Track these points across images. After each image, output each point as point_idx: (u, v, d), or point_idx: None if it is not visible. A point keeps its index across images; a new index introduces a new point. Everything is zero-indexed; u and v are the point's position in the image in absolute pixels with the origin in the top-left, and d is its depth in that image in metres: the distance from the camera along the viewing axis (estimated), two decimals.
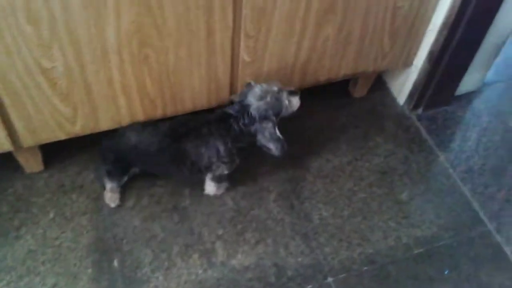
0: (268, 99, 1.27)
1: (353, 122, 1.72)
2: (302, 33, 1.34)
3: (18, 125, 1.24)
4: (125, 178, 1.43)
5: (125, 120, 1.34)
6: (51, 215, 1.42)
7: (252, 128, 1.29)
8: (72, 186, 1.48)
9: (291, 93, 1.34)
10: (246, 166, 1.56)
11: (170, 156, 1.32)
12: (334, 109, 1.75)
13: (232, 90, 1.42)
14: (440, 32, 1.49)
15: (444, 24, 1.46)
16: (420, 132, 1.72)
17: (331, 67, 1.50)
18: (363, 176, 1.59)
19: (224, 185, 1.48)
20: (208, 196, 1.48)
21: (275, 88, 1.30)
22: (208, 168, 1.36)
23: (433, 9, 1.46)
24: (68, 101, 1.23)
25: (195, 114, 1.40)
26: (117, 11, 1.07)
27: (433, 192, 1.57)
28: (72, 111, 1.26)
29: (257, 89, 1.28)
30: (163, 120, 1.36)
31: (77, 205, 1.45)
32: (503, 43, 1.68)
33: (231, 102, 1.34)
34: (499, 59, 1.86)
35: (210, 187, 1.45)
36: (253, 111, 1.27)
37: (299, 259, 1.39)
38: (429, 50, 1.55)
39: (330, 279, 1.36)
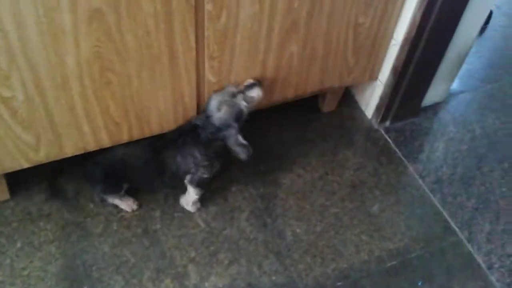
0: (225, 108, 1.30)
1: (323, 137, 1.73)
2: (266, 52, 1.34)
3: None
4: (123, 190, 1.42)
5: (90, 146, 1.32)
6: (19, 244, 1.39)
7: (220, 135, 1.33)
8: (39, 214, 1.45)
9: (249, 87, 1.34)
10: (217, 185, 1.55)
11: (153, 169, 1.38)
12: (303, 124, 1.76)
13: (199, 111, 1.41)
14: (402, 47, 1.52)
15: (406, 39, 1.49)
16: (388, 144, 1.74)
17: (298, 84, 1.51)
18: (334, 191, 1.60)
19: (197, 204, 1.48)
20: (179, 218, 1.47)
21: (229, 95, 1.31)
22: (187, 173, 1.39)
23: (395, 25, 1.49)
24: (30, 129, 1.20)
25: None
26: (75, 38, 1.06)
27: (403, 203, 1.58)
28: (35, 139, 1.23)
29: (214, 101, 1.31)
30: None
31: (45, 233, 1.42)
32: (466, 54, 1.72)
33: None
34: (463, 70, 1.91)
35: (188, 196, 1.45)
36: (215, 122, 1.31)
37: (273, 278, 1.38)
38: (392, 65, 1.58)
39: None
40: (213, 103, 1.31)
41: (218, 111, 1.30)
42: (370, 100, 1.76)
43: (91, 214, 1.46)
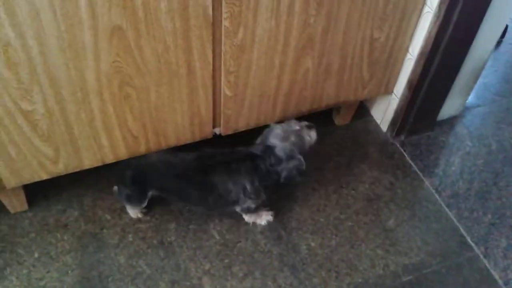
0: (293, 139, 1.33)
1: (337, 150, 1.74)
2: (281, 68, 1.36)
3: (0, 166, 1.23)
4: (145, 203, 1.43)
5: (108, 158, 1.34)
6: (36, 254, 1.41)
7: (279, 168, 1.33)
8: (57, 224, 1.47)
9: (309, 127, 1.39)
10: None
11: (195, 185, 1.36)
12: (317, 138, 1.76)
13: (215, 124, 1.43)
14: (418, 61, 1.52)
15: (422, 53, 1.49)
16: (404, 158, 1.74)
17: (313, 98, 1.52)
18: (349, 204, 1.60)
19: (266, 215, 1.50)
20: (193, 230, 1.48)
21: (297, 127, 1.35)
22: (235, 202, 1.39)
23: (410, 39, 1.50)
24: (49, 142, 1.23)
25: (221, 147, 1.41)
26: (96, 53, 1.09)
27: (419, 218, 1.57)
28: (54, 151, 1.26)
29: (278, 130, 1.34)
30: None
31: (62, 244, 1.43)
32: (482, 68, 1.72)
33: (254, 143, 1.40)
34: (479, 84, 1.90)
35: (246, 217, 1.49)
36: (279, 152, 1.32)
37: None
38: (408, 79, 1.58)
39: None
40: (278, 132, 1.33)
41: (284, 140, 1.32)
42: (385, 113, 1.76)
43: (108, 225, 1.47)
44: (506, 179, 1.70)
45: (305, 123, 1.40)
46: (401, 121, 1.71)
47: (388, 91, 1.66)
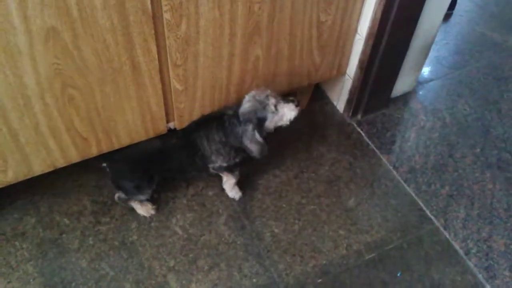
0: (252, 102, 1.33)
1: (296, 135, 1.74)
2: (230, 57, 1.34)
3: None
4: (153, 187, 1.44)
5: (59, 162, 1.31)
6: None
7: (239, 130, 1.34)
8: (14, 233, 1.44)
9: (285, 100, 1.37)
10: (193, 192, 1.55)
11: (184, 151, 1.40)
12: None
13: (168, 119, 1.40)
14: (367, 41, 1.53)
15: (370, 33, 1.50)
16: (361, 137, 1.76)
17: (266, 85, 1.51)
18: (310, 188, 1.61)
19: (237, 192, 1.54)
20: (155, 227, 1.47)
21: (264, 95, 1.34)
22: (209, 159, 1.41)
23: (357, 20, 1.50)
24: None
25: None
26: (32, 57, 1.05)
27: (378, 195, 1.60)
28: (2, 160, 1.22)
29: (248, 95, 1.35)
30: None
31: (21, 253, 1.40)
32: (431, 43, 1.74)
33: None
34: (430, 58, 1.93)
35: (226, 182, 1.53)
36: (240, 114, 1.33)
37: (254, 280, 1.39)
38: (359, 59, 1.59)
39: None
40: (247, 97, 1.35)
41: (246, 103, 1.34)
42: (341, 94, 1.77)
43: (67, 230, 1.45)
44: (461, 150, 1.74)
45: (287, 97, 1.38)
46: (356, 101, 1.73)
47: (341, 72, 1.67)
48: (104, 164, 1.41)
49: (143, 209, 1.47)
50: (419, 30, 1.59)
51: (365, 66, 1.58)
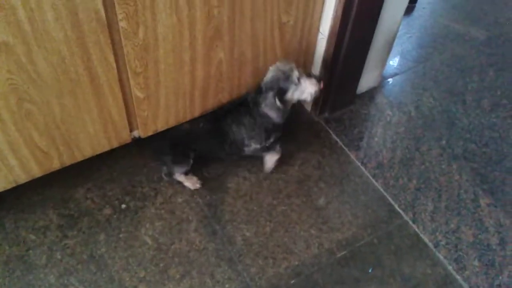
0: (275, 73, 1.39)
1: None
2: (192, 63, 1.32)
3: None
4: (190, 162, 1.51)
5: (21, 178, 1.27)
6: None
7: (260, 98, 1.41)
8: None
9: (309, 76, 1.43)
10: (161, 200, 1.53)
11: (214, 136, 1.48)
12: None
13: (131, 128, 1.38)
14: (329, 40, 1.53)
15: (332, 32, 1.50)
16: (329, 135, 1.76)
17: (231, 88, 1.50)
18: (280, 188, 1.61)
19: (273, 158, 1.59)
20: (124, 238, 1.44)
21: (287, 66, 1.39)
22: (243, 145, 1.49)
23: (319, 20, 1.50)
24: None
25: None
26: None
27: (348, 193, 1.61)
28: None
29: (271, 67, 1.41)
30: None
31: None
32: (393, 38, 1.75)
33: None
34: (394, 52, 1.95)
35: (265, 162, 1.60)
36: (262, 84, 1.40)
37: (227, 286, 1.38)
38: (323, 58, 1.59)
39: None
40: (271, 68, 1.40)
41: (269, 73, 1.40)
42: None
43: (33, 246, 1.41)
44: (428, 143, 1.76)
45: (309, 72, 1.48)
46: (322, 99, 1.73)
47: (307, 72, 1.66)
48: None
49: (190, 182, 1.54)
50: (381, 26, 1.60)
51: (329, 64, 1.59)
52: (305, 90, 1.43)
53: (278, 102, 1.39)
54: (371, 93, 1.90)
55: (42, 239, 1.42)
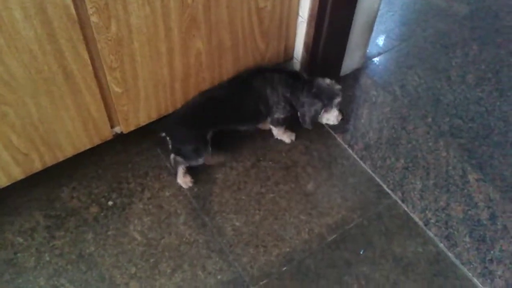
0: (329, 87, 1.47)
1: None
2: (170, 53, 1.30)
3: None
4: (209, 150, 1.50)
5: (3, 181, 1.25)
6: None
7: (301, 98, 1.47)
8: None
9: (338, 109, 1.52)
10: (148, 195, 1.52)
11: (240, 100, 1.49)
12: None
13: (112, 124, 1.36)
14: (309, 23, 1.51)
15: (311, 15, 1.48)
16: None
17: (212, 77, 1.48)
18: (268, 176, 1.60)
19: (290, 134, 1.65)
20: (113, 236, 1.43)
21: (338, 90, 1.49)
22: (271, 111, 1.54)
23: (298, 3, 1.48)
24: None
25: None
26: None
27: (336, 176, 1.60)
28: None
29: (328, 80, 1.49)
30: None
31: None
32: (374, 17, 1.73)
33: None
34: (377, 32, 1.93)
35: (275, 130, 1.64)
36: (315, 83, 1.47)
37: (219, 277, 1.38)
38: (304, 41, 1.57)
39: None
40: (326, 80, 1.48)
41: (326, 81, 1.47)
42: None
43: (21, 249, 1.39)
44: (413, 122, 1.75)
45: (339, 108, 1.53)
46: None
47: (288, 56, 1.65)
48: (163, 134, 1.48)
49: (184, 180, 1.52)
50: (361, 6, 1.58)
51: (311, 48, 1.57)
52: (330, 117, 1.53)
53: (319, 116, 1.51)
54: (355, 74, 1.88)
55: (30, 242, 1.40)
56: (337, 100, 1.50)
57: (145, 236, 1.43)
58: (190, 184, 1.53)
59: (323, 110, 1.50)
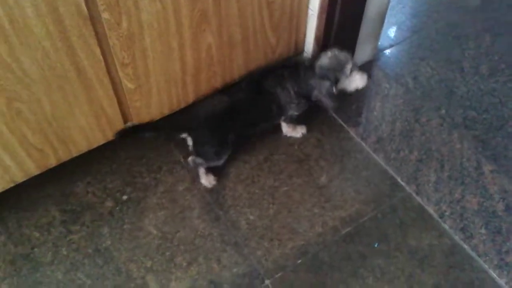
0: (331, 60, 1.44)
1: None
2: (181, 49, 1.31)
3: None
4: (229, 152, 1.51)
5: (18, 177, 1.27)
6: None
7: (312, 82, 1.46)
8: None
9: (359, 71, 1.49)
10: (163, 189, 1.53)
11: (258, 103, 1.48)
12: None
13: (125, 119, 1.37)
14: (320, 15, 1.51)
15: (322, 7, 1.48)
16: (327, 112, 1.74)
17: (223, 72, 1.48)
18: (281, 169, 1.60)
19: (301, 128, 1.64)
20: (128, 230, 1.44)
21: (343, 57, 1.45)
22: (284, 108, 1.53)
23: None
24: None
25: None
26: None
27: (349, 169, 1.60)
28: None
29: (329, 52, 1.46)
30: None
31: None
32: (386, 9, 1.72)
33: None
34: (388, 24, 1.91)
35: (285, 128, 1.64)
36: (317, 66, 1.45)
37: (234, 270, 1.38)
38: (314, 35, 1.56)
39: (267, 282, 1.36)
40: (329, 53, 1.45)
41: (325, 58, 1.44)
42: None
43: (38, 243, 1.42)
44: (427, 113, 1.74)
45: (357, 66, 1.51)
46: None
47: (299, 50, 1.64)
48: (184, 135, 1.48)
49: (208, 180, 1.52)
50: None
51: (321, 41, 1.56)
52: (354, 83, 1.50)
53: (335, 90, 1.46)
54: (367, 67, 1.87)
55: (47, 236, 1.43)
56: (348, 67, 1.46)
57: (160, 230, 1.45)
58: (214, 183, 1.53)
59: (337, 84, 1.47)
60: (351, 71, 1.47)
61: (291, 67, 1.49)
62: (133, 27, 1.16)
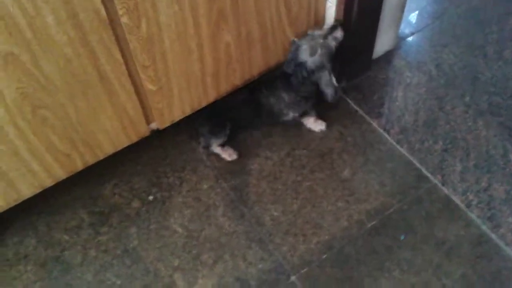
0: (321, 51, 1.42)
1: None
2: (200, 49, 1.31)
3: None
4: (227, 133, 1.57)
5: (47, 182, 1.30)
6: None
7: (313, 78, 1.45)
8: (17, 257, 1.44)
9: (333, 29, 1.46)
10: (187, 188, 1.54)
11: (250, 107, 1.55)
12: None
13: (148, 121, 1.38)
14: (338, 6, 1.49)
15: None
16: (349, 105, 1.73)
17: (242, 70, 1.48)
18: (303, 164, 1.60)
19: (320, 124, 1.65)
20: (155, 230, 1.46)
21: (321, 39, 1.43)
22: (281, 114, 1.57)
23: None
24: None
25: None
26: None
27: (372, 161, 1.58)
28: None
29: (305, 46, 1.42)
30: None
31: (26, 276, 1.40)
32: None
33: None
34: (409, 11, 1.88)
35: (304, 120, 1.67)
36: (310, 65, 1.43)
37: (260, 266, 1.39)
38: None
39: (293, 278, 1.37)
40: (305, 49, 1.41)
41: (312, 55, 1.41)
42: None
43: (68, 246, 1.45)
44: (451, 102, 1.71)
45: (328, 26, 1.48)
46: (338, 68, 1.68)
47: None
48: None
49: (226, 153, 1.59)
50: None
51: None
52: (338, 42, 1.48)
53: (334, 80, 1.45)
54: (388, 56, 1.84)
55: (76, 239, 1.46)
56: (330, 42, 1.45)
57: (186, 229, 1.46)
58: (235, 156, 1.59)
59: (329, 67, 1.45)
60: (333, 39, 1.46)
61: (281, 77, 1.50)
62: (152, 30, 1.17)
